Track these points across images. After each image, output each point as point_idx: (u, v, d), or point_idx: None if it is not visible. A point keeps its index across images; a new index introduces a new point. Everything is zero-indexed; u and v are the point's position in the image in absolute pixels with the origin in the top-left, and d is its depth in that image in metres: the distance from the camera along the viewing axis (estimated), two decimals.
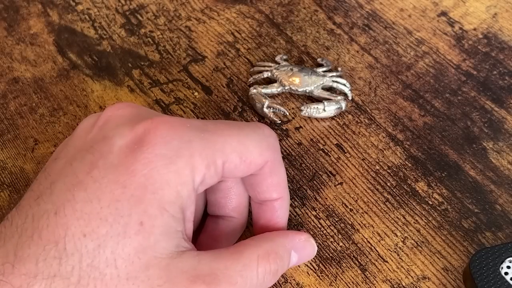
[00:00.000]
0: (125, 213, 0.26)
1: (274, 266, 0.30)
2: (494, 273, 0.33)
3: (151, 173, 0.26)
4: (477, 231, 0.37)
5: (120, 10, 0.51)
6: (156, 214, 0.26)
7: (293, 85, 0.43)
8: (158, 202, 0.26)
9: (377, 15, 0.49)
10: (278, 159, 0.32)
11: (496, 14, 0.49)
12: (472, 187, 0.39)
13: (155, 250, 0.26)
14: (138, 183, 0.26)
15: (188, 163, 0.27)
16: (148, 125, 0.28)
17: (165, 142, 0.27)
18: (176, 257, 0.27)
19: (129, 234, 0.26)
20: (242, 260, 0.29)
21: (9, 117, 0.44)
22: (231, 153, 0.29)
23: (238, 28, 0.49)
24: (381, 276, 0.36)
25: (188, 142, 0.28)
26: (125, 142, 0.27)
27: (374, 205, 0.39)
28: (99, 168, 0.27)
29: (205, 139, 0.28)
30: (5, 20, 0.51)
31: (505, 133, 0.42)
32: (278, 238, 0.32)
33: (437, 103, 0.44)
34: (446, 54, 0.47)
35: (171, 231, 0.27)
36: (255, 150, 0.30)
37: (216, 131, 0.29)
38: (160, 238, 0.26)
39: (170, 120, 0.28)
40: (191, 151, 0.27)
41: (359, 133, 0.42)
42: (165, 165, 0.27)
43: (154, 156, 0.27)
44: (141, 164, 0.26)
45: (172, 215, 0.27)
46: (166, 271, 0.26)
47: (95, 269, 0.25)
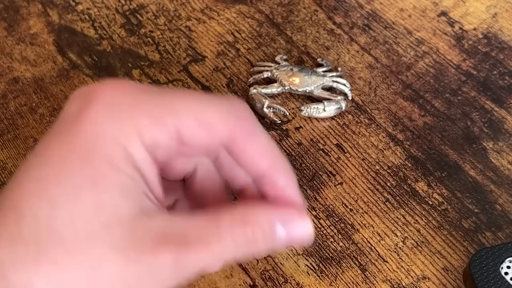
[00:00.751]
0: (77, 173, 0.25)
1: (250, 232, 0.27)
2: (494, 273, 0.33)
3: (97, 133, 0.26)
4: (477, 231, 0.37)
5: (120, 10, 0.51)
6: (108, 172, 0.26)
7: (293, 85, 0.43)
8: (107, 159, 0.26)
9: (377, 15, 0.49)
10: (253, 128, 0.29)
11: (496, 14, 0.49)
12: (472, 187, 0.39)
13: (114, 209, 0.25)
14: (85, 142, 0.26)
15: (132, 121, 0.26)
16: (97, 87, 0.27)
17: (111, 102, 0.27)
18: (141, 219, 0.26)
19: (84, 193, 0.25)
20: (217, 222, 0.27)
21: (9, 117, 0.44)
22: (185, 115, 0.27)
23: (238, 28, 0.49)
24: (381, 276, 0.36)
25: (134, 100, 0.27)
26: (73, 108, 0.27)
27: (374, 205, 0.39)
28: (50, 134, 0.27)
29: (154, 98, 0.27)
30: (5, 20, 0.51)
31: (505, 133, 0.42)
32: (259, 207, 0.29)
33: (437, 103, 0.44)
34: (446, 54, 0.47)
35: (131, 191, 0.26)
36: (216, 116, 0.27)
37: (171, 94, 0.28)
38: (118, 196, 0.26)
39: (122, 82, 0.28)
40: (138, 110, 0.27)
41: (359, 133, 0.42)
42: (109, 123, 0.26)
43: (100, 116, 0.26)
44: (87, 124, 0.26)
45: (125, 173, 0.26)
46: (130, 231, 0.25)
47: (53, 231, 0.25)
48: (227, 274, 0.36)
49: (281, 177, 0.29)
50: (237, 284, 0.36)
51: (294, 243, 0.30)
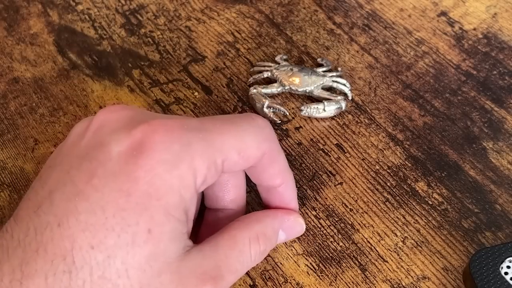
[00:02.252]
0: (132, 222, 0.25)
1: (263, 246, 0.31)
2: (494, 273, 0.33)
3: (154, 180, 0.26)
4: (477, 231, 0.37)
5: (120, 10, 0.51)
6: (163, 220, 0.26)
7: (293, 85, 0.43)
8: (164, 208, 0.26)
9: (377, 15, 0.49)
10: (276, 148, 0.32)
11: (496, 14, 0.49)
12: (472, 187, 0.39)
13: (165, 256, 0.26)
14: (142, 190, 0.26)
15: (190, 167, 0.27)
16: (145, 129, 0.27)
17: (165, 147, 0.27)
18: (183, 259, 0.27)
19: (138, 243, 0.25)
20: (237, 246, 0.30)
21: (9, 117, 0.44)
22: (230, 151, 0.29)
23: (238, 28, 0.49)
24: (381, 276, 0.36)
25: (187, 145, 0.27)
26: (123, 149, 0.27)
27: (374, 205, 0.39)
28: (99, 177, 0.26)
29: (203, 140, 0.28)
30: (5, 20, 0.51)
31: (505, 133, 0.42)
32: (266, 219, 0.33)
33: (437, 103, 0.44)
34: (446, 54, 0.47)
35: (178, 235, 0.27)
36: (252, 144, 0.30)
37: (214, 130, 0.29)
38: (169, 243, 0.26)
39: (168, 123, 0.28)
40: (192, 153, 0.27)
41: (359, 133, 0.42)
42: (167, 170, 0.26)
43: (155, 162, 0.26)
44: (143, 171, 0.26)
45: (178, 219, 0.27)
46: (177, 274, 0.27)
47: (107, 281, 0.25)
48: None
49: (288, 191, 0.34)
50: (237, 284, 0.36)
51: (291, 238, 0.36)
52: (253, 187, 0.40)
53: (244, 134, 0.30)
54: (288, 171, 0.34)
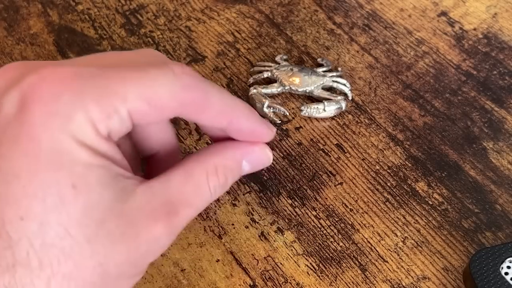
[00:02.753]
0: (52, 182, 0.24)
1: (223, 179, 0.30)
2: (494, 273, 0.33)
3: (55, 135, 0.25)
4: (477, 231, 0.37)
5: (120, 10, 0.51)
6: (83, 171, 0.25)
7: (293, 85, 0.43)
8: (78, 160, 0.25)
9: (377, 15, 0.49)
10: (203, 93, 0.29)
11: (496, 14, 0.49)
12: (472, 187, 0.39)
13: (102, 203, 0.25)
14: (48, 149, 0.25)
15: (86, 117, 0.25)
16: (33, 80, 0.25)
17: (54, 98, 0.25)
18: (127, 200, 0.26)
19: (67, 200, 0.24)
20: (193, 180, 0.28)
21: None
22: (135, 99, 0.26)
23: (238, 28, 0.49)
24: (381, 276, 0.36)
25: (80, 93, 0.25)
26: (15, 106, 0.25)
27: (374, 205, 0.39)
28: (3, 144, 0.25)
29: (101, 87, 0.26)
30: (5, 20, 0.51)
31: (505, 133, 0.42)
32: (226, 150, 0.31)
33: (437, 103, 0.44)
34: (446, 54, 0.47)
35: (108, 179, 0.26)
36: (164, 94, 0.27)
37: (116, 76, 0.27)
38: (101, 190, 0.25)
39: (58, 70, 0.26)
40: (85, 103, 0.25)
41: (359, 133, 0.42)
42: (64, 123, 0.25)
43: (48, 116, 0.25)
44: (40, 128, 0.25)
45: (98, 166, 0.25)
46: (123, 217, 0.26)
47: (51, 246, 0.24)
48: (227, 274, 0.36)
49: (244, 123, 0.31)
50: (237, 284, 0.36)
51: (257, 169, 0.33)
52: (253, 188, 0.40)
53: (154, 82, 0.27)
54: (234, 105, 0.30)
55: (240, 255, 0.37)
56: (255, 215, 0.38)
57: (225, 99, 0.30)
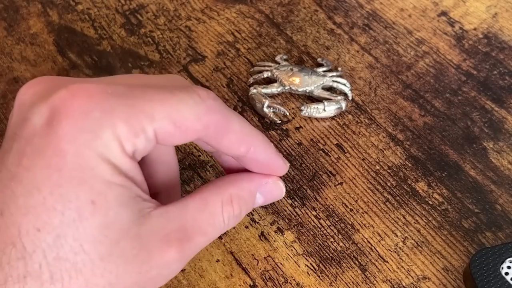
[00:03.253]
0: (72, 196, 0.25)
1: (237, 210, 0.30)
2: (495, 273, 0.33)
3: (81, 150, 0.25)
4: (477, 231, 0.37)
5: (120, 10, 0.51)
6: (103, 189, 0.25)
7: (293, 85, 0.43)
8: (100, 177, 0.25)
9: (377, 15, 0.49)
10: (225, 118, 0.29)
11: (496, 14, 0.49)
12: (472, 187, 0.39)
13: (118, 222, 0.25)
14: (72, 163, 0.25)
15: (113, 134, 0.25)
16: (63, 95, 0.26)
17: (84, 114, 0.25)
18: (143, 223, 0.26)
19: (85, 216, 0.25)
20: (208, 208, 0.29)
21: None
22: (162, 119, 0.27)
23: (238, 28, 0.49)
24: (381, 276, 0.36)
25: (110, 111, 0.25)
26: (43, 120, 0.25)
27: (374, 205, 0.39)
28: (28, 156, 0.25)
29: (129, 106, 0.26)
30: (5, 20, 0.51)
31: (505, 133, 0.42)
32: (242, 182, 0.31)
33: (437, 103, 0.44)
34: (446, 54, 0.47)
35: (127, 199, 0.26)
36: (190, 116, 0.28)
37: (144, 97, 0.27)
38: (119, 209, 0.25)
39: (89, 87, 0.26)
40: (114, 120, 0.25)
41: (359, 133, 0.42)
42: (90, 139, 0.25)
43: (76, 132, 0.25)
44: (66, 142, 0.25)
45: (120, 185, 0.26)
46: (137, 239, 0.26)
47: (64, 261, 0.24)
48: (227, 274, 0.36)
49: (261, 153, 0.31)
50: (237, 284, 0.36)
51: (271, 201, 0.34)
52: None
53: (181, 104, 0.27)
54: (252, 134, 0.31)
55: (240, 255, 0.37)
56: (255, 215, 0.38)
57: (245, 127, 0.31)
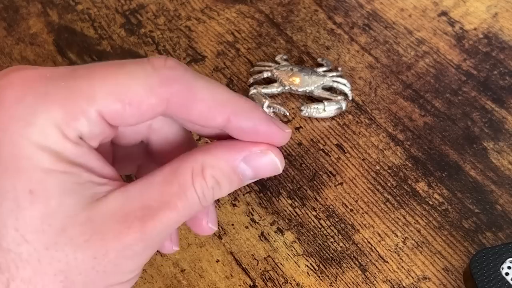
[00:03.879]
0: (9, 187, 0.24)
1: (211, 181, 0.26)
2: (495, 273, 0.32)
3: (15, 140, 0.24)
4: (477, 232, 0.37)
5: (120, 10, 0.51)
6: (42, 177, 0.24)
7: (293, 85, 0.43)
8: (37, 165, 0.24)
9: (378, 15, 0.49)
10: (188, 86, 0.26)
11: (497, 14, 0.49)
12: (472, 187, 0.39)
13: (62, 210, 0.24)
14: (6, 153, 0.24)
15: (49, 120, 0.24)
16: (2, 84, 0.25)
17: (17, 101, 0.24)
18: (96, 206, 0.25)
19: (23, 206, 0.24)
20: (176, 180, 0.25)
21: None
22: (105, 98, 0.24)
23: (238, 28, 0.49)
24: (381, 276, 0.36)
25: (43, 95, 0.24)
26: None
27: (375, 205, 0.39)
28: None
29: (66, 87, 0.24)
30: (5, 20, 0.51)
31: (506, 133, 0.42)
32: (218, 150, 0.27)
33: (437, 103, 0.44)
34: (447, 54, 0.46)
35: (73, 186, 0.24)
36: (140, 90, 0.25)
37: (85, 76, 0.25)
38: (62, 197, 0.24)
39: (27, 73, 0.25)
40: (49, 104, 0.24)
41: (359, 133, 0.42)
42: (24, 127, 0.24)
43: (8, 120, 0.24)
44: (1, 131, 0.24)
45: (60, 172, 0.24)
46: (88, 224, 0.24)
47: (7, 252, 0.24)
48: (227, 274, 0.36)
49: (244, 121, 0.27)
50: (237, 284, 0.36)
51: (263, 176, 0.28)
52: (253, 188, 0.40)
53: (129, 78, 0.25)
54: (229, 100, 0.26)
55: (240, 255, 0.37)
56: (255, 215, 0.38)
57: (218, 93, 0.26)
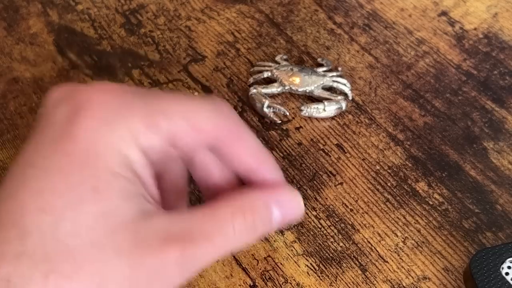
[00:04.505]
0: (76, 181, 0.25)
1: (249, 219, 0.29)
2: (495, 273, 0.32)
3: (93, 138, 0.26)
4: (477, 231, 0.37)
5: (120, 10, 0.51)
6: (108, 178, 0.26)
7: (293, 85, 0.43)
8: (107, 165, 0.26)
9: (378, 15, 0.49)
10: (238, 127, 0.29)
11: (497, 14, 0.49)
12: (472, 187, 0.39)
13: (116, 214, 0.26)
14: (82, 149, 0.26)
15: (128, 126, 0.26)
16: (86, 91, 0.27)
17: (102, 106, 0.27)
18: (144, 220, 0.26)
19: (85, 201, 0.25)
20: (216, 215, 0.28)
21: (9, 117, 0.44)
22: (176, 116, 0.27)
23: (238, 28, 0.49)
24: (381, 276, 0.36)
25: (127, 103, 0.27)
26: (64, 113, 0.27)
27: (375, 205, 0.39)
28: (44, 143, 0.26)
29: (147, 103, 0.27)
30: (5, 20, 0.51)
31: (506, 133, 0.42)
32: (254, 193, 0.30)
33: (437, 103, 0.44)
34: (447, 54, 0.46)
35: (131, 195, 0.26)
36: (204, 116, 0.28)
37: (163, 96, 0.28)
38: (120, 202, 0.26)
39: (110, 85, 0.28)
40: (131, 112, 0.27)
41: (359, 133, 0.42)
42: (105, 128, 0.26)
43: (93, 121, 0.26)
44: (82, 130, 0.26)
45: (125, 178, 0.26)
46: (134, 234, 0.26)
47: (59, 242, 0.25)
48: (227, 274, 0.36)
49: (270, 173, 0.31)
50: (237, 284, 0.36)
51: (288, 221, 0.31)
52: None
53: (195, 105, 0.28)
54: (264, 151, 0.30)
55: (240, 255, 0.37)
56: None
57: (258, 142, 0.30)
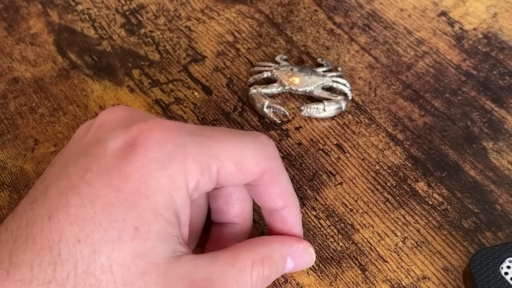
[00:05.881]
0: (120, 218, 0.25)
1: (267, 271, 0.30)
2: (494, 273, 0.33)
3: (145, 177, 0.26)
4: (477, 231, 0.37)
5: (120, 10, 0.51)
6: (151, 219, 0.26)
7: (293, 85, 0.43)
8: (152, 207, 0.26)
9: (377, 15, 0.49)
10: (278, 168, 0.31)
11: (496, 14, 0.49)
12: (472, 187, 0.39)
13: (151, 255, 0.26)
14: (131, 187, 0.26)
15: (181, 168, 0.27)
16: (142, 127, 0.28)
17: (158, 145, 0.27)
18: (172, 262, 0.27)
19: (124, 239, 0.25)
20: (237, 264, 0.29)
21: (9, 117, 0.44)
22: (226, 160, 0.28)
23: (238, 28, 0.49)
24: (381, 276, 0.36)
25: (182, 146, 0.27)
26: (118, 145, 0.27)
27: (374, 205, 0.39)
28: (93, 172, 0.26)
29: (199, 144, 0.28)
30: (5, 20, 0.51)
31: (505, 133, 0.42)
32: (274, 244, 0.32)
33: (437, 103, 0.44)
34: (446, 54, 0.47)
35: (167, 236, 0.27)
36: (251, 159, 0.29)
37: (212, 137, 0.29)
38: (156, 243, 0.26)
39: (165, 123, 0.28)
40: (185, 155, 0.27)
41: (359, 133, 0.42)
42: (158, 169, 0.26)
43: (147, 160, 0.26)
44: (134, 167, 0.26)
45: (167, 220, 0.26)
46: (163, 277, 0.26)
47: (90, 276, 0.25)
48: None
49: (292, 216, 0.33)
50: None
51: (299, 269, 0.35)
52: None
53: (244, 147, 0.29)
54: (292, 194, 0.33)
55: None
56: (255, 215, 0.38)
57: (290, 184, 0.32)
